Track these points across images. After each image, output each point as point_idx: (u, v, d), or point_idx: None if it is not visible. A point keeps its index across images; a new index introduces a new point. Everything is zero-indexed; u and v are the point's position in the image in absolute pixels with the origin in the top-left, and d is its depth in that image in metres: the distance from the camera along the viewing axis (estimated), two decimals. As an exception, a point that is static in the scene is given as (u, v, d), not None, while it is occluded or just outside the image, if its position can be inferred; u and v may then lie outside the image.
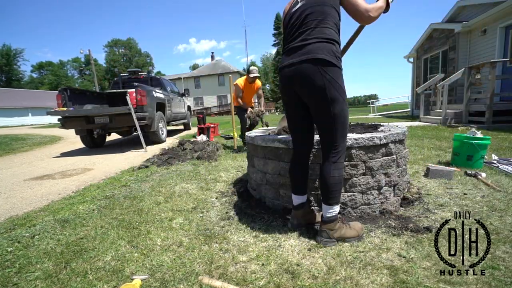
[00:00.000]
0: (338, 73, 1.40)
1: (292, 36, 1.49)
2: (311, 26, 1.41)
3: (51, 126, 16.21)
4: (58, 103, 5.14)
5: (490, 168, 2.78)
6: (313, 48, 1.37)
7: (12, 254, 1.55)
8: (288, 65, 1.46)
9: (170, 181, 2.92)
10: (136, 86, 5.38)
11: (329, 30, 1.40)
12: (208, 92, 36.98)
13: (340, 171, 1.46)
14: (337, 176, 1.45)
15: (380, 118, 11.96)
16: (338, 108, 1.39)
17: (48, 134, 10.22)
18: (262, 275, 1.25)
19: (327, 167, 1.47)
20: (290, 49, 1.48)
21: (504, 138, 4.51)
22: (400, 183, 1.99)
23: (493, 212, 1.76)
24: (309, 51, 1.38)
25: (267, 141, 1.99)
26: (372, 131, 2.04)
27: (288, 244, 1.51)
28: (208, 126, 6.59)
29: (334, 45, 1.40)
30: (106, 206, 2.25)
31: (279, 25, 40.62)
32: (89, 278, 1.28)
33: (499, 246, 1.38)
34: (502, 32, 7.48)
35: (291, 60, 1.44)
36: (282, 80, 1.52)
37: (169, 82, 8.45)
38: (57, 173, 3.75)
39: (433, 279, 1.16)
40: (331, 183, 1.45)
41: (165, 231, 1.73)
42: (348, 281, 1.18)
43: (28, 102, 27.46)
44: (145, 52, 59.55)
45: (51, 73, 54.09)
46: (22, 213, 2.26)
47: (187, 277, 1.25)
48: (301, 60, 1.39)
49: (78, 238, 1.70)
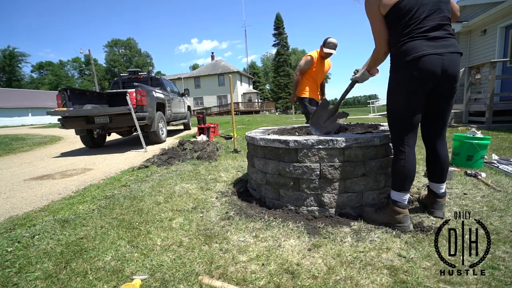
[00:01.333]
0: None
1: (430, 22, 1.47)
2: (447, 17, 1.51)
3: (51, 126, 16.21)
4: (58, 103, 5.14)
5: (490, 168, 2.78)
6: (455, 42, 1.52)
7: (12, 254, 1.55)
8: (441, 53, 1.45)
9: (170, 181, 2.92)
10: (136, 86, 5.38)
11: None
12: (208, 92, 36.97)
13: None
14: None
15: (380, 118, 11.96)
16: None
17: (48, 134, 10.22)
18: (262, 275, 1.25)
19: (444, 147, 1.72)
20: (436, 37, 1.47)
21: (504, 138, 4.51)
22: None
23: (493, 212, 1.76)
24: (455, 44, 1.51)
25: (267, 141, 1.99)
26: (372, 131, 2.04)
27: (288, 244, 1.51)
28: (208, 126, 6.59)
29: None
30: (106, 206, 2.25)
31: (279, 25, 40.64)
32: (89, 278, 1.28)
33: (499, 246, 1.38)
34: (502, 32, 7.48)
35: (446, 50, 1.46)
36: (428, 67, 1.46)
37: (169, 82, 8.44)
38: (57, 173, 3.75)
39: (433, 279, 1.16)
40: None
41: (165, 231, 1.73)
42: (348, 281, 1.18)
43: (28, 102, 27.49)
44: (145, 52, 59.56)
45: (51, 73, 54.08)
46: (22, 213, 2.26)
47: (187, 277, 1.25)
48: (456, 51, 1.49)
49: (78, 238, 1.70)
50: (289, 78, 37.90)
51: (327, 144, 1.75)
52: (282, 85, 38.96)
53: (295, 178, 1.88)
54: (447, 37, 1.48)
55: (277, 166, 1.96)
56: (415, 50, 1.46)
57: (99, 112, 5.13)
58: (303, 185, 1.85)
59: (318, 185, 1.81)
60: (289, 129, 2.76)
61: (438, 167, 1.76)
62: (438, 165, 1.75)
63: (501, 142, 4.16)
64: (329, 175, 1.78)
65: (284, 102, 38.25)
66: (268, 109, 33.81)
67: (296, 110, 22.71)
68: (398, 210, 1.60)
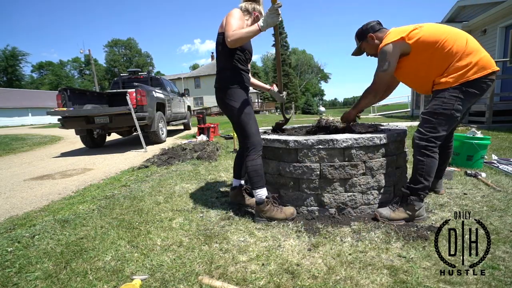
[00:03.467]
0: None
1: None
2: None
3: (51, 126, 16.21)
4: (58, 103, 5.14)
5: (490, 168, 2.78)
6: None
7: (12, 254, 1.55)
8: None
9: (170, 181, 2.92)
10: (136, 86, 5.38)
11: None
12: (208, 92, 36.94)
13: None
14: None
15: (380, 118, 11.97)
16: None
17: (48, 134, 10.23)
18: (262, 275, 1.25)
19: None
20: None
21: (504, 138, 4.51)
22: (400, 183, 1.99)
23: (493, 212, 1.76)
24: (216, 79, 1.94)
25: (267, 141, 1.98)
26: (372, 131, 2.04)
27: (288, 244, 1.51)
28: (208, 126, 6.59)
29: None
30: (106, 206, 2.25)
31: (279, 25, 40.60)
32: (89, 278, 1.28)
33: (499, 246, 1.38)
34: (502, 32, 7.49)
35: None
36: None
37: (169, 82, 8.44)
38: (57, 173, 3.75)
39: (433, 279, 1.16)
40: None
41: (165, 231, 1.73)
42: (348, 281, 1.18)
43: (28, 102, 27.47)
44: (145, 52, 59.55)
45: (51, 73, 54.07)
46: (22, 213, 2.26)
47: (187, 277, 1.25)
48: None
49: (78, 238, 1.70)
50: (289, 78, 37.82)
51: (327, 144, 1.75)
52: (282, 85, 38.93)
53: (295, 178, 1.88)
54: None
55: (277, 166, 1.96)
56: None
57: (99, 112, 5.13)
58: (303, 185, 1.85)
59: (318, 185, 1.81)
60: (289, 129, 2.76)
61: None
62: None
63: (501, 142, 4.16)
64: (329, 175, 1.78)
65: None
66: (268, 109, 33.78)
67: (296, 110, 22.70)
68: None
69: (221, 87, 1.83)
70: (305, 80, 56.49)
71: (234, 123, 1.85)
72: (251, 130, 1.80)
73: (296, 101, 36.42)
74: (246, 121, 1.80)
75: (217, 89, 1.86)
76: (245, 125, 1.80)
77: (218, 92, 1.86)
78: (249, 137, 1.80)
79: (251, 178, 1.79)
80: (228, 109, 1.83)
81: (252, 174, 1.78)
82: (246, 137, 1.81)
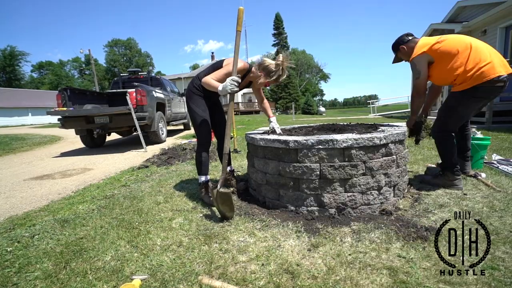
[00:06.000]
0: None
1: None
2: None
3: (51, 126, 16.20)
4: (58, 103, 5.14)
5: (490, 168, 2.78)
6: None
7: (12, 254, 1.55)
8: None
9: (170, 181, 2.92)
10: (136, 86, 5.38)
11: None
12: (208, 92, 36.85)
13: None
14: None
15: (380, 118, 11.97)
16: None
17: (48, 134, 10.23)
18: (262, 275, 1.25)
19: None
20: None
21: (504, 138, 4.51)
22: (400, 183, 1.99)
23: (493, 213, 1.76)
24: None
25: (267, 141, 1.98)
26: (372, 131, 2.04)
27: (287, 244, 1.51)
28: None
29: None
30: (106, 206, 2.25)
31: (279, 25, 40.59)
32: (89, 278, 1.28)
33: (499, 246, 1.38)
34: (502, 32, 7.49)
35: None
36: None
37: (169, 82, 8.45)
38: (57, 173, 3.75)
39: (433, 280, 1.16)
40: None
41: (165, 231, 1.73)
42: (348, 281, 1.17)
43: (28, 102, 27.45)
44: (145, 52, 59.49)
45: (51, 73, 54.04)
46: (22, 213, 2.26)
47: (187, 277, 1.25)
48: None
49: (78, 238, 1.70)
50: (289, 78, 37.82)
51: (327, 144, 1.75)
52: (282, 85, 38.86)
53: (295, 178, 1.88)
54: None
55: (277, 166, 1.96)
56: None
57: (99, 112, 5.13)
58: (303, 185, 1.85)
59: (318, 185, 1.81)
60: (289, 129, 2.76)
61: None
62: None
63: (501, 142, 4.16)
64: (329, 175, 1.78)
65: (284, 102, 38.19)
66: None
67: (296, 110, 22.70)
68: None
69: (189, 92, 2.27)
70: (305, 80, 56.49)
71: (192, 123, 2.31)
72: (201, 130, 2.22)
73: (296, 101, 36.39)
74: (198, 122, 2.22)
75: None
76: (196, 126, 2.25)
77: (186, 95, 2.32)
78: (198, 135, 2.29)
79: (196, 166, 2.27)
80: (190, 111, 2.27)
81: (197, 164, 2.25)
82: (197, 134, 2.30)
